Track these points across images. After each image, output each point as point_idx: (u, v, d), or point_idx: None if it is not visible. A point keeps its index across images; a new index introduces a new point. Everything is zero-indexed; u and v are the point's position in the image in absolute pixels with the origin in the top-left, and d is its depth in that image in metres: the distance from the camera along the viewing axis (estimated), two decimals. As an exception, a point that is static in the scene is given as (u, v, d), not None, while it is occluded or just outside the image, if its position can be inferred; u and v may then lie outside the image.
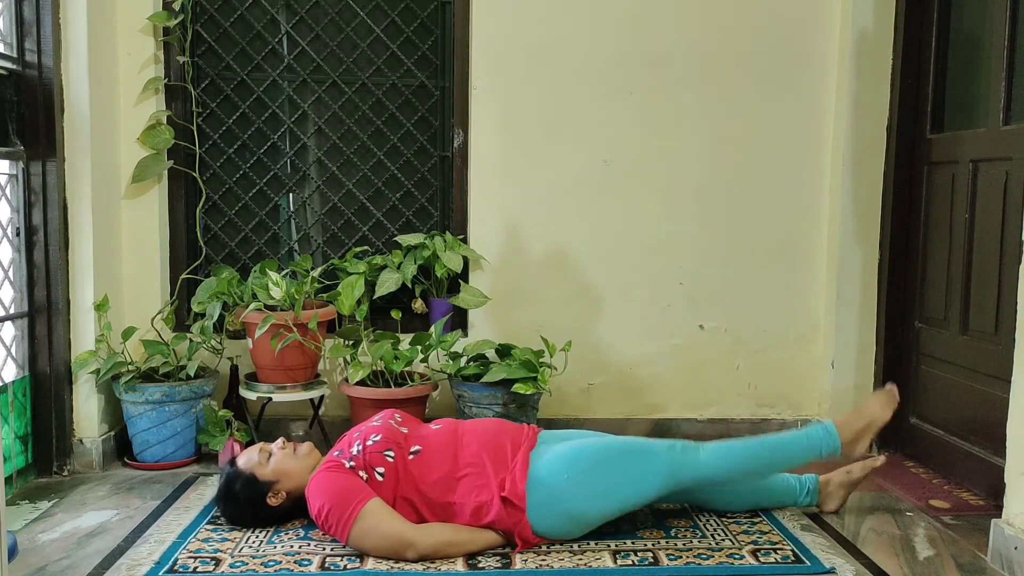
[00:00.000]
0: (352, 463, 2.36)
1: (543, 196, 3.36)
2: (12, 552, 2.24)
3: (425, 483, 2.35)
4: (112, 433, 3.14)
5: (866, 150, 3.29)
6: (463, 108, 3.37)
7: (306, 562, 2.27)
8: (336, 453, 2.43)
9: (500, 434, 2.46)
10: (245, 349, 3.20)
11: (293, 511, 2.48)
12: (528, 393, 2.97)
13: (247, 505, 2.46)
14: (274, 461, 2.45)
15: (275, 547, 2.36)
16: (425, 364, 3.22)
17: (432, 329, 3.16)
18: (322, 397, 3.24)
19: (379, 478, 2.33)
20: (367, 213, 3.47)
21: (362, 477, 2.33)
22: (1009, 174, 2.70)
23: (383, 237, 3.48)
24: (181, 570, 2.23)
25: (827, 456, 2.52)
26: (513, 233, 3.37)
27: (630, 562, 2.29)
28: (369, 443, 2.40)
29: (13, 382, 2.83)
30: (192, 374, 3.08)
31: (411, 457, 2.39)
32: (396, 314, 3.23)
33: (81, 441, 3.01)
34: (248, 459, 2.47)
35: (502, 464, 2.37)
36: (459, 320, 3.39)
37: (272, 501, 2.44)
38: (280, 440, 2.53)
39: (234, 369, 3.26)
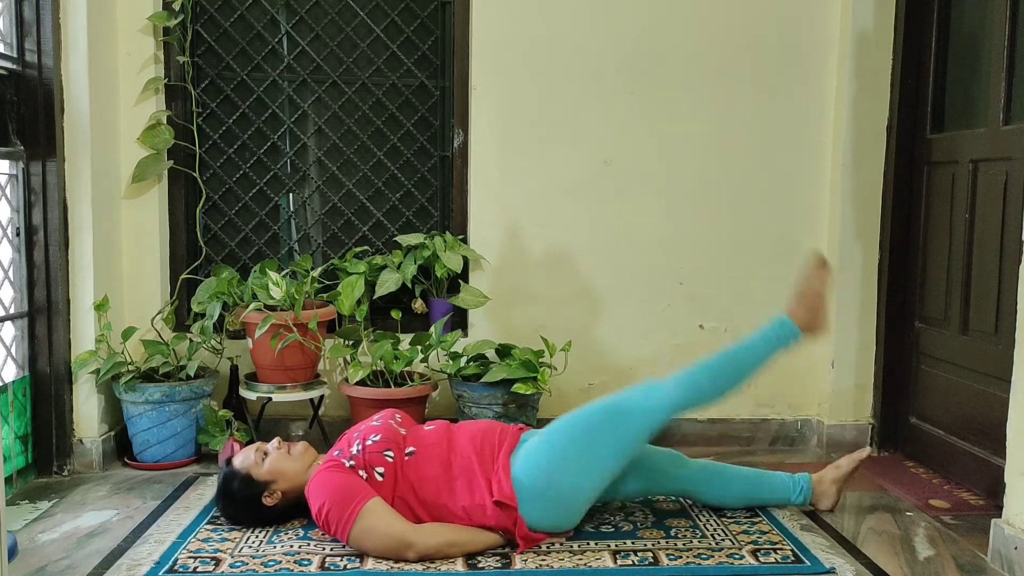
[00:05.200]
0: (352, 462, 2.36)
1: (543, 196, 3.36)
2: (12, 552, 2.24)
3: (419, 484, 2.35)
4: (112, 433, 3.14)
5: (866, 150, 3.29)
6: (463, 108, 3.37)
7: (306, 562, 2.27)
8: (336, 452, 2.43)
9: (489, 435, 2.45)
10: (245, 349, 3.20)
11: (291, 511, 2.48)
12: (528, 393, 2.97)
13: (244, 505, 2.46)
14: (270, 461, 2.45)
15: (275, 547, 2.36)
16: (425, 364, 3.22)
17: (432, 329, 3.16)
18: (322, 397, 3.24)
19: (379, 478, 2.34)
20: (367, 213, 3.47)
21: (362, 476, 2.33)
22: (1009, 174, 2.70)
23: (383, 237, 3.48)
24: (181, 570, 2.23)
25: (791, 342, 2.49)
26: (513, 233, 3.37)
27: (630, 562, 2.29)
28: (369, 443, 2.40)
29: (13, 382, 2.83)
30: (192, 374, 3.08)
31: (407, 458, 2.39)
32: (396, 314, 3.23)
33: (81, 441, 3.01)
34: (244, 459, 2.47)
35: (489, 466, 2.37)
36: (459, 320, 3.39)
37: (268, 501, 2.44)
38: (276, 440, 2.53)
39: (234, 369, 3.26)
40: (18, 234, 2.88)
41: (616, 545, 2.39)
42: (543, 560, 2.29)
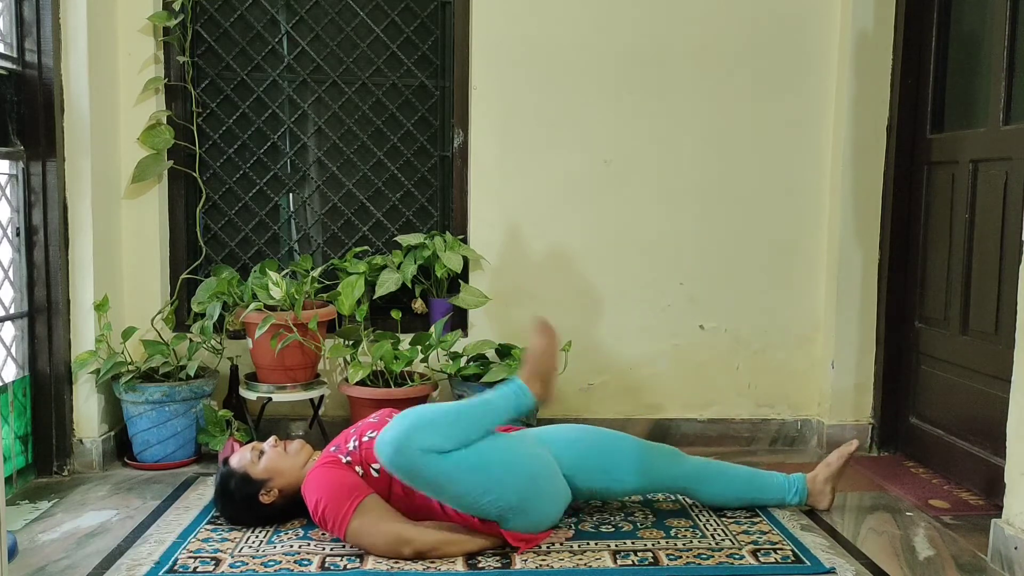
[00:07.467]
0: (349, 458, 2.36)
1: (543, 196, 3.36)
2: (12, 552, 2.24)
3: None
4: (112, 433, 3.14)
5: (866, 150, 3.29)
6: (463, 108, 3.37)
7: (306, 562, 2.27)
8: (332, 449, 2.44)
9: None
10: (245, 349, 3.20)
11: (289, 509, 2.49)
12: (528, 393, 2.97)
13: (242, 504, 2.46)
14: (266, 459, 2.46)
15: (275, 547, 2.36)
16: (425, 364, 3.22)
17: (432, 329, 3.16)
18: (322, 397, 3.24)
19: (374, 474, 2.34)
20: (367, 213, 3.47)
21: (358, 473, 2.33)
22: (1009, 174, 2.70)
23: (383, 237, 3.48)
24: (181, 570, 2.23)
25: (526, 409, 2.41)
26: (513, 233, 3.37)
27: (630, 562, 2.29)
28: (365, 439, 2.40)
29: (13, 382, 2.83)
30: (192, 374, 3.08)
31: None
32: (396, 314, 3.23)
33: (81, 441, 3.01)
34: (240, 458, 2.48)
35: None
36: (459, 320, 3.39)
37: (265, 499, 2.44)
38: (272, 438, 2.54)
39: (234, 369, 3.26)
40: (18, 234, 2.88)
41: (616, 545, 2.39)
42: (543, 560, 2.29)
